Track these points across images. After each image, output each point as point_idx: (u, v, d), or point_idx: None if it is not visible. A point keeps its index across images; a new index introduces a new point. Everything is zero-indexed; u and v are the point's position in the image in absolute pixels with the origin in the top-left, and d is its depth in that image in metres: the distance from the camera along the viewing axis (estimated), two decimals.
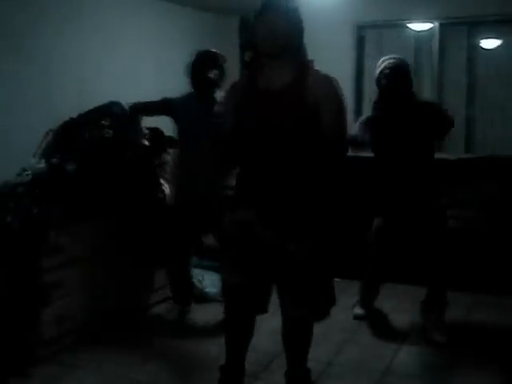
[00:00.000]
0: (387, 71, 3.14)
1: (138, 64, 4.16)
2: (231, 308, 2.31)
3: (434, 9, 4.62)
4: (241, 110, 2.16)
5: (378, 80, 3.19)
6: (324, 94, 2.11)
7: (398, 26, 4.89)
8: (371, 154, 3.33)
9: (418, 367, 2.83)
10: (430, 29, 4.77)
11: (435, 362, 2.86)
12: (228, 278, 2.25)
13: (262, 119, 2.11)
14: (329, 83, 2.16)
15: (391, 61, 3.20)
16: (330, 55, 4.87)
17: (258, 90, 2.15)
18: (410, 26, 4.85)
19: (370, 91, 4.98)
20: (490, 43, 4.74)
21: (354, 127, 3.28)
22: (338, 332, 3.23)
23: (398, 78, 3.13)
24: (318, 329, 3.25)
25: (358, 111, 5.06)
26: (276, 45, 2.09)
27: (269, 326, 3.18)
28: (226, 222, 2.25)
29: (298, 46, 2.18)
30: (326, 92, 2.13)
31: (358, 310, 3.49)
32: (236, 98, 2.20)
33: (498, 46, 4.71)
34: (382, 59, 3.27)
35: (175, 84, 4.51)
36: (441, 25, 4.73)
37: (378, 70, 3.21)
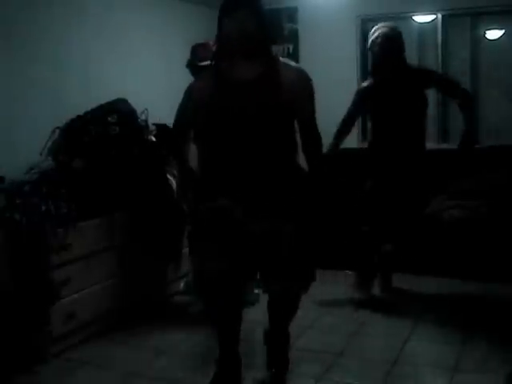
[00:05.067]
0: (379, 40, 3.24)
1: (145, 61, 4.17)
2: (215, 298, 2.28)
3: (437, 0, 4.61)
4: (214, 100, 2.22)
5: (371, 48, 3.31)
6: (296, 81, 2.24)
7: (401, 18, 4.87)
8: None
9: (427, 357, 2.83)
10: (433, 20, 4.76)
11: (445, 351, 2.86)
12: (208, 266, 2.21)
13: (237, 107, 2.20)
14: (299, 71, 2.30)
15: (383, 29, 3.29)
16: (334, 49, 4.88)
17: (230, 81, 2.22)
18: (413, 18, 4.84)
19: None
20: (493, 34, 4.72)
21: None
22: (347, 323, 3.24)
23: (389, 45, 3.22)
24: (327, 320, 3.30)
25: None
26: (249, 44, 2.18)
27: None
28: (201, 210, 2.27)
29: (266, 39, 2.26)
30: (298, 79, 2.26)
31: (357, 294, 3.50)
32: (204, 90, 2.26)
33: (502, 37, 4.69)
34: (375, 28, 3.37)
35: (182, 81, 4.52)
36: (443, 16, 4.71)
37: (370, 39, 3.31)
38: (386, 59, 3.27)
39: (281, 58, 2.33)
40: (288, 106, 2.24)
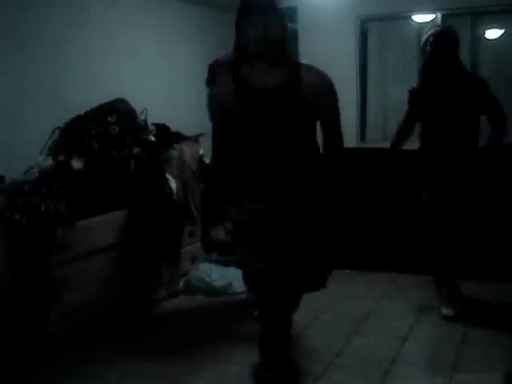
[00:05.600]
0: (432, 38, 3.11)
1: (144, 61, 4.17)
2: (264, 298, 2.35)
3: (436, 0, 4.62)
4: (236, 107, 2.21)
5: (423, 48, 3.17)
6: (319, 86, 2.22)
7: (401, 18, 4.88)
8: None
9: (425, 356, 2.84)
10: (433, 20, 4.76)
11: (443, 351, 2.86)
12: (252, 268, 2.28)
13: (259, 115, 2.19)
14: (323, 77, 2.27)
15: (437, 28, 3.19)
16: (334, 49, 4.88)
17: (253, 88, 2.20)
18: (412, 17, 4.84)
19: (374, 84, 5.02)
20: (493, 33, 4.72)
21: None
22: (346, 322, 3.25)
23: (443, 44, 3.09)
24: (325, 319, 3.31)
25: (363, 105, 5.06)
26: (268, 45, 2.15)
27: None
28: (236, 215, 2.30)
29: (286, 46, 2.24)
30: (322, 86, 2.24)
31: (446, 311, 3.26)
32: (225, 96, 2.23)
33: (501, 36, 4.69)
34: (428, 27, 3.27)
35: (182, 81, 4.54)
36: (443, 16, 4.71)
37: (423, 38, 3.20)
38: (438, 59, 3.11)
39: (303, 62, 2.29)
40: (311, 112, 2.22)
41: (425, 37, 3.19)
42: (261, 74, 2.20)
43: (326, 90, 2.25)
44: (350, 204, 3.61)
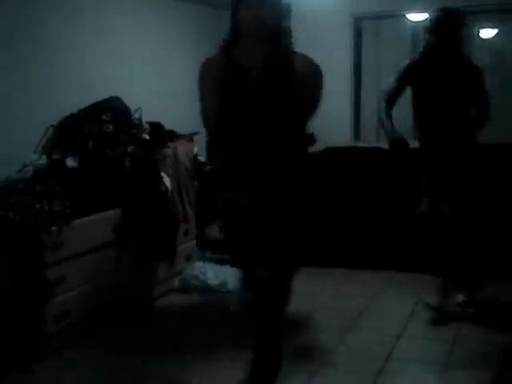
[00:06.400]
0: (434, 24, 3.05)
1: (140, 60, 4.17)
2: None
3: None
4: (226, 89, 2.22)
5: (425, 30, 3.12)
6: (309, 76, 2.26)
7: (395, 16, 4.89)
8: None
9: (419, 354, 2.85)
10: (427, 19, 4.77)
11: (436, 348, 2.88)
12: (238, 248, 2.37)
13: (248, 95, 2.20)
14: (314, 66, 2.32)
15: (439, 13, 3.08)
16: (328, 47, 4.88)
17: (241, 67, 2.22)
18: (407, 16, 4.85)
19: (369, 82, 5.02)
20: (486, 33, 4.75)
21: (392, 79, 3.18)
22: (341, 320, 3.26)
23: (443, 32, 3.02)
24: (320, 317, 3.32)
25: (357, 103, 5.07)
26: (264, 29, 2.17)
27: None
28: (218, 200, 2.33)
29: (282, 28, 2.27)
30: (311, 75, 2.28)
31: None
32: (216, 77, 2.23)
33: (495, 36, 4.72)
34: (435, 10, 3.15)
35: (176, 80, 4.54)
36: None
37: (428, 21, 3.15)
38: (439, 46, 3.04)
39: (297, 51, 2.31)
40: (297, 96, 2.24)
41: (429, 19, 3.12)
42: (252, 53, 2.22)
43: (313, 79, 2.29)
44: (342, 201, 3.62)
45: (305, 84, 2.23)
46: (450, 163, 3.14)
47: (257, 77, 2.20)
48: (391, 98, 3.18)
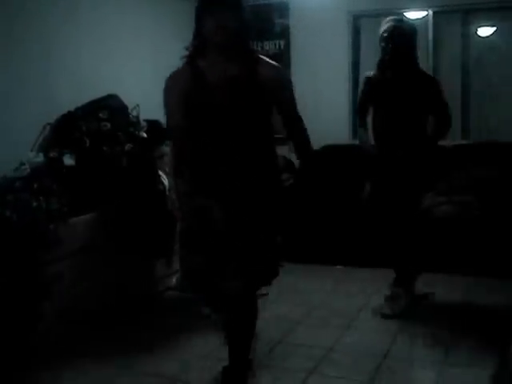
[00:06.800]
0: (385, 34, 3.08)
1: (138, 57, 4.16)
2: (199, 291, 2.42)
3: None
4: (192, 101, 2.20)
5: (379, 42, 3.15)
6: (274, 81, 2.21)
7: (393, 14, 4.86)
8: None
9: (416, 352, 2.85)
10: (425, 17, 4.77)
11: (434, 346, 2.88)
12: (190, 261, 2.31)
13: (214, 108, 2.18)
14: (278, 70, 2.28)
15: (391, 23, 3.11)
16: (326, 45, 4.88)
17: (208, 81, 2.20)
18: (405, 14, 4.84)
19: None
20: (484, 31, 4.74)
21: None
22: (338, 318, 3.26)
23: (395, 42, 3.05)
24: (318, 314, 3.32)
25: (355, 101, 5.05)
26: (228, 39, 2.15)
27: (272, 314, 3.22)
28: (185, 209, 2.32)
29: (247, 38, 2.24)
30: (276, 79, 2.23)
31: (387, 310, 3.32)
32: (181, 89, 2.21)
33: (493, 34, 4.71)
34: (386, 20, 3.19)
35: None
36: (435, 13, 4.72)
37: (380, 31, 3.15)
38: (393, 56, 3.08)
39: (261, 56, 2.27)
40: (265, 105, 2.23)
41: (381, 29, 3.13)
42: (216, 67, 2.20)
43: (281, 84, 2.27)
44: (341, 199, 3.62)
45: (273, 89, 2.21)
46: (402, 168, 3.20)
47: (223, 89, 2.18)
48: (360, 110, 3.33)
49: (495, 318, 3.16)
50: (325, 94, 4.86)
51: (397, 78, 3.14)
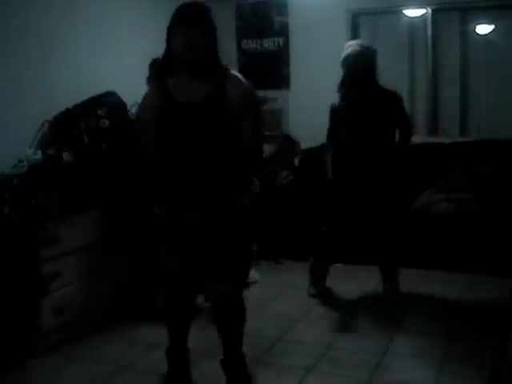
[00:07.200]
0: (350, 59, 3.22)
1: (135, 54, 4.14)
2: (173, 292, 2.43)
3: None
4: (161, 122, 2.22)
5: (342, 65, 3.28)
6: (243, 104, 2.22)
7: (392, 12, 4.88)
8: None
9: (415, 349, 2.85)
10: (423, 15, 4.77)
11: (432, 343, 2.88)
12: (167, 263, 2.36)
13: (183, 128, 2.19)
14: (247, 92, 2.26)
15: (356, 48, 3.26)
16: (325, 43, 4.87)
17: (176, 101, 2.20)
18: (404, 12, 4.84)
19: None
20: (483, 29, 4.74)
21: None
22: (337, 316, 3.27)
23: (359, 67, 3.21)
24: (316, 312, 3.32)
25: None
26: (195, 57, 2.14)
27: (272, 312, 3.21)
28: (158, 213, 2.34)
29: (215, 56, 2.23)
30: (245, 102, 2.23)
31: (312, 290, 3.59)
32: (153, 109, 2.24)
33: (492, 32, 4.71)
34: (348, 44, 3.36)
35: None
36: (434, 11, 4.72)
37: (342, 55, 3.28)
38: (355, 79, 3.24)
39: (231, 72, 2.27)
40: (233, 122, 2.23)
41: (344, 54, 3.27)
42: (185, 86, 2.20)
43: (247, 101, 2.25)
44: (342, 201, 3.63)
45: (238, 106, 2.20)
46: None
47: (190, 109, 2.18)
48: (330, 137, 3.49)
49: (493, 315, 3.16)
50: (323, 91, 4.83)
51: (361, 98, 3.28)
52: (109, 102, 3.44)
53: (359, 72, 3.23)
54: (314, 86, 4.82)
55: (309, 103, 4.82)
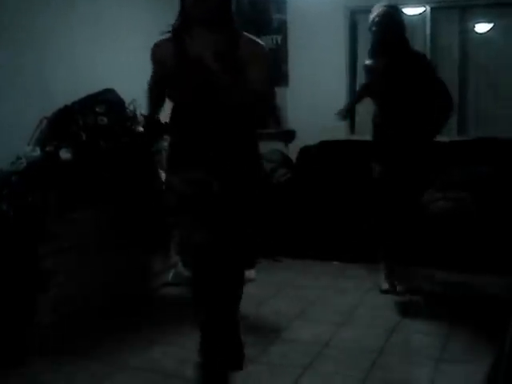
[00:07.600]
0: (377, 19, 3.19)
1: (133, 51, 4.13)
2: (199, 267, 2.37)
3: None
4: (173, 77, 2.24)
5: (370, 28, 3.25)
6: (252, 55, 2.21)
7: None
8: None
9: (412, 347, 2.87)
10: (422, 13, 4.77)
11: (430, 341, 2.90)
12: (192, 237, 2.31)
13: (195, 82, 2.19)
14: (257, 45, 2.27)
15: (383, 8, 3.23)
16: (323, 41, 4.87)
17: (189, 58, 2.21)
18: (402, 10, 4.83)
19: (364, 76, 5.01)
20: (481, 27, 4.74)
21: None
22: (334, 314, 3.27)
23: (387, 25, 3.17)
24: (313, 310, 3.33)
25: (353, 96, 5.05)
26: (207, 12, 2.15)
27: (269, 310, 3.22)
28: (176, 183, 2.30)
29: (228, 12, 2.23)
30: (255, 53, 2.23)
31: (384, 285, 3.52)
32: (161, 60, 2.28)
33: (490, 30, 4.71)
34: (376, 6, 3.31)
35: None
36: (432, 9, 4.72)
37: (370, 17, 3.26)
38: (385, 40, 3.19)
39: (245, 33, 2.26)
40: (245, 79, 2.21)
41: (371, 16, 3.24)
42: (198, 41, 2.21)
43: (255, 59, 2.23)
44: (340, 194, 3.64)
45: (251, 66, 2.19)
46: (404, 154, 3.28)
47: (204, 64, 2.17)
48: (359, 95, 3.54)
49: (491, 314, 3.18)
50: (322, 88, 4.85)
51: (392, 64, 3.20)
52: (107, 99, 3.44)
53: (386, 34, 3.17)
54: (313, 83, 4.82)
55: (307, 101, 4.82)
